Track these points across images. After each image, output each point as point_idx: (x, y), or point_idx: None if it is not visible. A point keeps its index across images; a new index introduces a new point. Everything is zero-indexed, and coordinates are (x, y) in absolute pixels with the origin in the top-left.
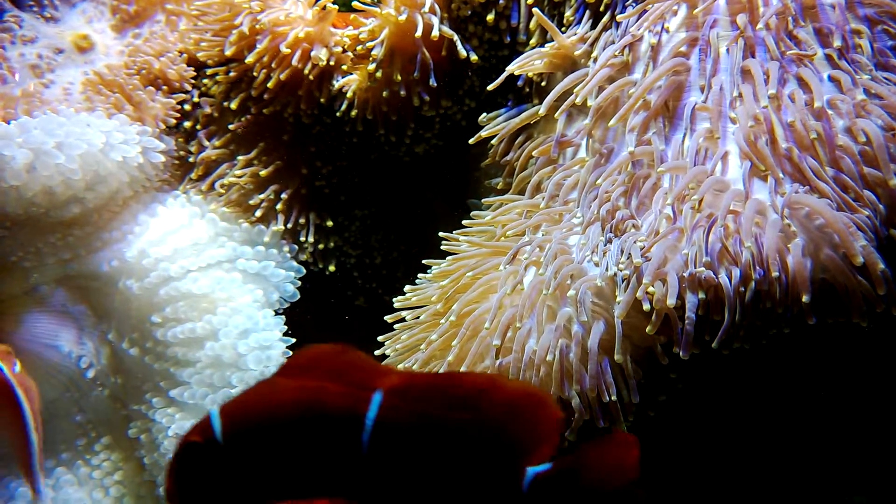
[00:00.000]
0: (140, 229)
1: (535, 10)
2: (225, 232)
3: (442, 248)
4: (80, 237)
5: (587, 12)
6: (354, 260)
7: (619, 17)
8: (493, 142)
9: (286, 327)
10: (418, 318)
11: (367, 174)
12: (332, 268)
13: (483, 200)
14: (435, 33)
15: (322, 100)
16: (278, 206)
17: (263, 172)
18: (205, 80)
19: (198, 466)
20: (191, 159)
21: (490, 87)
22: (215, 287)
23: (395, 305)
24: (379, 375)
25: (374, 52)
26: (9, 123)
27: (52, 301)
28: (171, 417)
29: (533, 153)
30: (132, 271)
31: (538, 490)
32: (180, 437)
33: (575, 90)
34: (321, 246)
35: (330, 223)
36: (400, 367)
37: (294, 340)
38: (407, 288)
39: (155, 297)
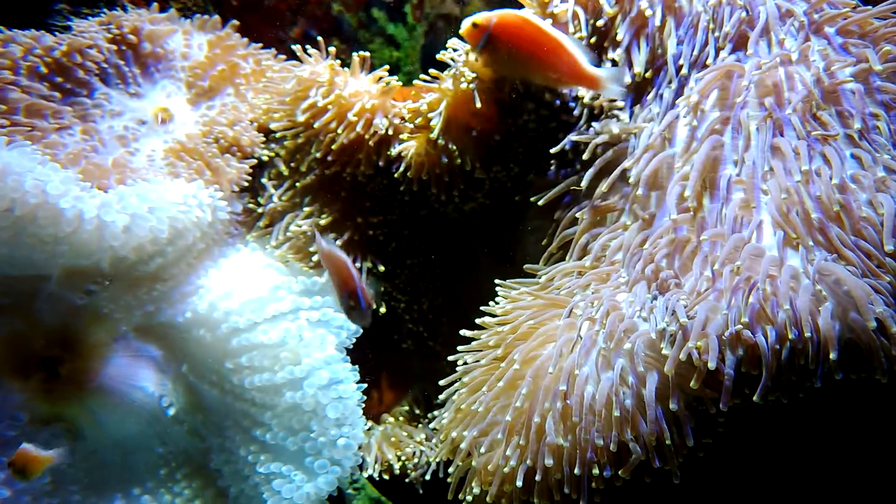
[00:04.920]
0: (209, 283)
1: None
2: (284, 285)
3: (499, 294)
4: (161, 291)
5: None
6: (404, 305)
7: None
8: (539, 203)
9: (358, 374)
10: (478, 361)
11: (416, 227)
12: (382, 309)
13: (542, 267)
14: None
15: (380, 163)
16: None
17: (323, 222)
18: (273, 145)
19: None
20: (259, 210)
21: (553, 150)
22: (286, 338)
23: (459, 349)
24: None
25: (432, 122)
26: (106, 192)
27: (135, 346)
28: (256, 456)
29: (577, 215)
30: (204, 322)
31: None
32: None
33: (622, 163)
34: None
35: (382, 268)
36: (462, 406)
37: (366, 385)
38: (465, 333)
39: (227, 345)
